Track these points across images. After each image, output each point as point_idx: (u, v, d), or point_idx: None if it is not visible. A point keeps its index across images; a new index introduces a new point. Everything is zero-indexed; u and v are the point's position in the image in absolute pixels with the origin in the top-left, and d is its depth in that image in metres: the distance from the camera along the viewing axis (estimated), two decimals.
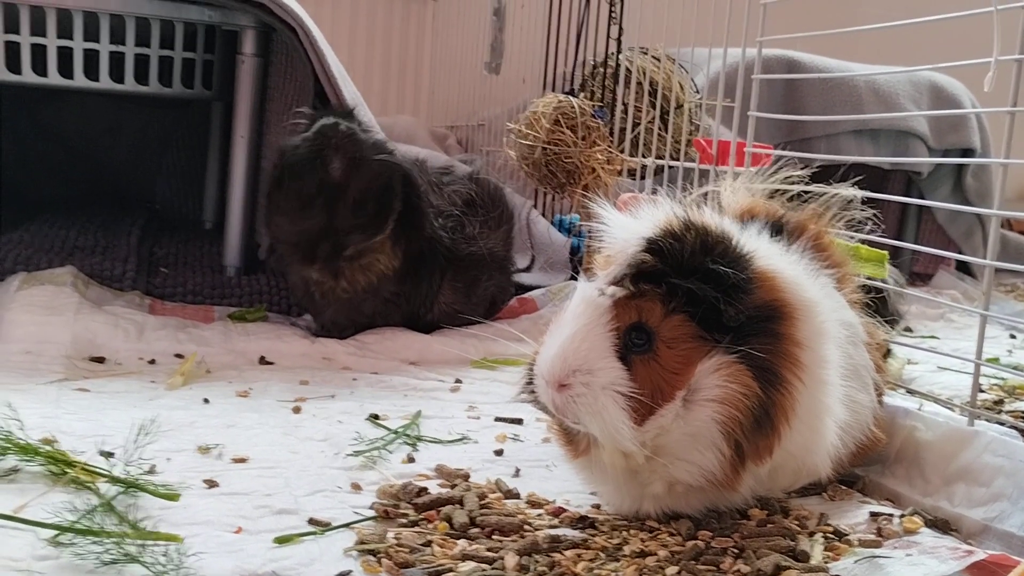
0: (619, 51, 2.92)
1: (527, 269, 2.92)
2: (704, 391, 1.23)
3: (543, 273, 2.94)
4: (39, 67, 2.54)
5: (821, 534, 1.33)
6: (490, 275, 2.47)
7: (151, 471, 1.42)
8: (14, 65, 2.52)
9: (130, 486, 1.31)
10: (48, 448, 1.40)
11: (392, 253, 2.24)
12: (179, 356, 2.08)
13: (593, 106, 2.74)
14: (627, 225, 1.31)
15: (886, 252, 1.83)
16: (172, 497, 1.31)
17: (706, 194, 1.65)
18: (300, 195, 2.15)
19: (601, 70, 2.99)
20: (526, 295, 2.71)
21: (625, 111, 2.83)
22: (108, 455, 1.45)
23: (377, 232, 2.19)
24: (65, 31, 2.53)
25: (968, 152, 3.81)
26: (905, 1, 3.21)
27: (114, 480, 1.33)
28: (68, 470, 1.35)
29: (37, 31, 2.51)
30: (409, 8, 4.59)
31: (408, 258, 2.27)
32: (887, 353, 1.76)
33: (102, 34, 2.55)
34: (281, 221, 2.22)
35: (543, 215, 3.23)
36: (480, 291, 2.46)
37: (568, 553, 1.24)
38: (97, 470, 1.36)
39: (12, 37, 2.50)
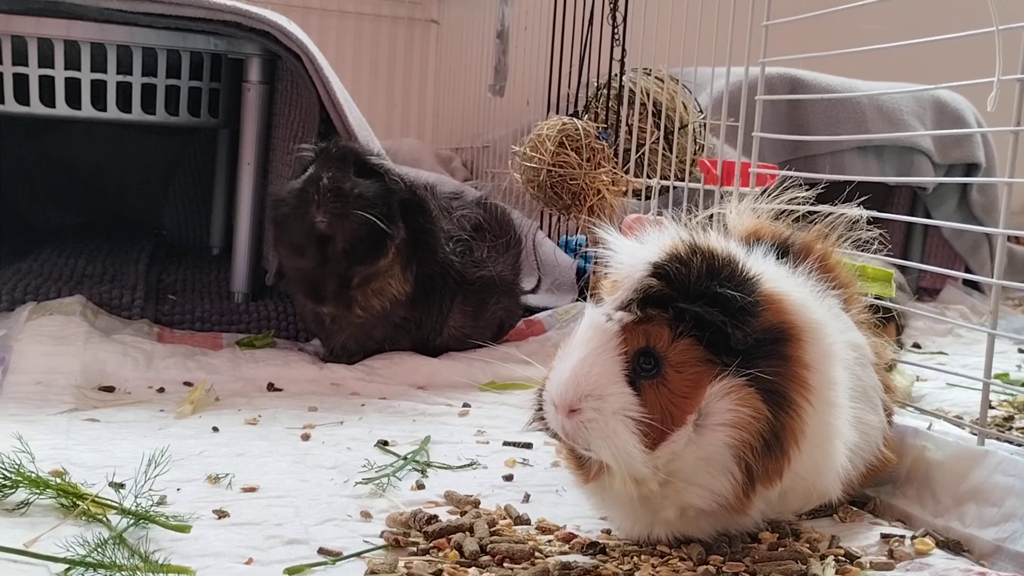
0: (622, 72, 2.93)
1: (534, 291, 2.92)
2: (715, 415, 1.23)
3: (550, 295, 2.95)
4: (47, 98, 2.56)
5: (832, 557, 1.33)
6: (498, 299, 2.48)
7: (161, 502, 1.42)
8: (22, 96, 2.54)
9: (141, 518, 1.32)
10: (59, 481, 1.41)
11: (403, 277, 2.27)
12: (188, 384, 2.09)
13: (597, 127, 2.75)
14: (633, 250, 1.31)
15: (892, 271, 1.83)
16: (183, 529, 1.31)
17: (712, 216, 1.65)
18: (292, 245, 2.23)
19: (605, 91, 3.01)
20: (533, 317, 2.71)
21: (629, 132, 2.84)
22: (119, 487, 1.45)
23: (378, 258, 2.22)
24: (72, 62, 2.55)
25: (973, 167, 3.81)
26: (905, 17, 3.22)
27: (125, 512, 1.33)
28: (79, 503, 1.35)
29: (45, 63, 2.53)
30: (412, 31, 4.62)
31: (419, 282, 2.30)
32: (891, 367, 1.76)
33: (109, 65, 2.57)
34: (284, 256, 2.30)
35: (549, 236, 3.24)
36: (489, 315, 2.47)
37: None
38: (108, 502, 1.36)
39: (20, 69, 2.52)
